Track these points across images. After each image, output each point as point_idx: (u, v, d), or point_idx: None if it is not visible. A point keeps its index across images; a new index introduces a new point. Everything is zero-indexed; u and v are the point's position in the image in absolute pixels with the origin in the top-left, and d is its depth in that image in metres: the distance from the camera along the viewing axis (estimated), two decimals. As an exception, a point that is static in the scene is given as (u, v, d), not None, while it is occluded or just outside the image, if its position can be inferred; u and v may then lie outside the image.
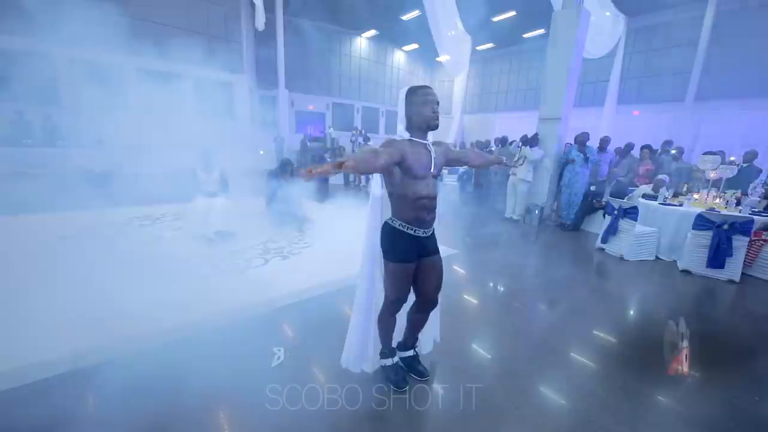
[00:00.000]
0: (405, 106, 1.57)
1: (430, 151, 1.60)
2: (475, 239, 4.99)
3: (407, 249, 1.62)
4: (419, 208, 1.59)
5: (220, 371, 1.88)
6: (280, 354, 2.01)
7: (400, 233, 1.61)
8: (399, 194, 1.59)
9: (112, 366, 1.87)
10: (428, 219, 1.64)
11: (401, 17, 15.14)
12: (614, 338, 2.49)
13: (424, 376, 1.88)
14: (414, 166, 1.53)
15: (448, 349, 2.17)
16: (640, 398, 1.83)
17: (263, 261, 3.51)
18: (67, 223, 4.47)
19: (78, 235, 4.02)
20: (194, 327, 2.27)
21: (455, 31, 12.18)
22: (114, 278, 2.93)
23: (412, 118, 1.56)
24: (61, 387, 1.72)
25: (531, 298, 3.13)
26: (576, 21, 5.32)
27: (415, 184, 1.56)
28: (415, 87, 1.57)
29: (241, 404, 1.68)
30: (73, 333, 2.12)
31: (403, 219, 1.61)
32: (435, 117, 1.55)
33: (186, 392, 1.72)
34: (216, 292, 2.76)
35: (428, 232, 1.68)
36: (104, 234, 4.16)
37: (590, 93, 14.80)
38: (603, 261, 4.32)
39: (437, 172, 1.64)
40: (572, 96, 5.83)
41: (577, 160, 5.44)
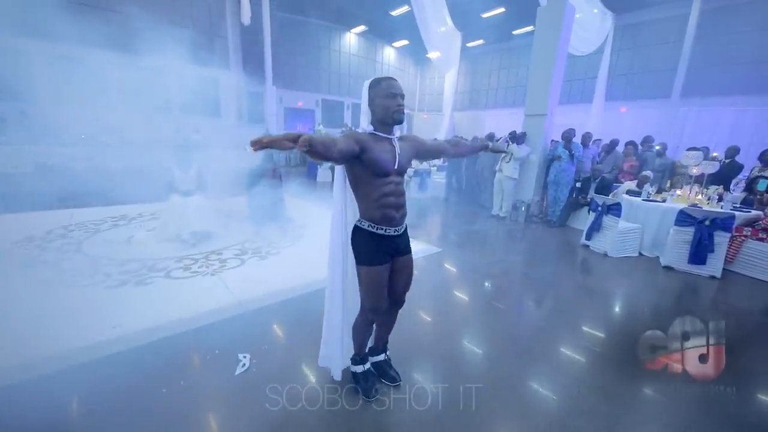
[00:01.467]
0: (368, 98, 1.48)
1: (394, 147, 1.52)
2: (460, 237, 4.94)
3: (380, 250, 1.53)
4: (385, 206, 1.50)
5: (177, 384, 1.77)
6: (245, 361, 1.91)
7: (370, 234, 1.52)
8: (363, 193, 1.51)
9: (71, 373, 1.76)
10: (397, 216, 1.54)
11: (390, 12, 15.00)
12: (596, 336, 2.46)
13: (396, 381, 1.80)
14: (376, 161, 1.43)
15: (434, 348, 2.11)
16: (619, 398, 1.80)
17: (239, 262, 3.40)
18: (37, 222, 4.28)
19: (45, 237, 3.85)
20: (156, 333, 2.15)
21: (445, 28, 12.11)
22: (73, 281, 2.80)
23: (375, 111, 1.47)
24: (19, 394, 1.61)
25: (515, 297, 3.10)
26: (561, 17, 5.28)
27: (378, 181, 1.47)
28: (379, 78, 1.48)
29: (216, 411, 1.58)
30: (24, 339, 1.99)
31: (370, 219, 1.52)
32: (399, 110, 1.46)
33: (136, 404, 1.62)
34: (185, 296, 2.65)
35: (399, 230, 1.58)
36: (74, 234, 3.99)
37: (578, 90, 14.88)
38: (587, 258, 4.31)
39: (402, 169, 1.54)
40: (557, 92, 5.79)
41: (563, 157, 5.41)
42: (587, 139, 5.75)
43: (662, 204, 4.23)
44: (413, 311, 2.68)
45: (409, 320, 2.52)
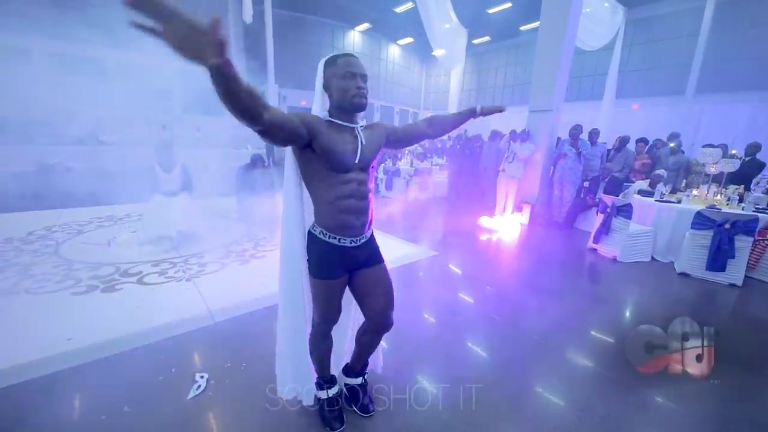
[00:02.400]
0: (323, 80, 1.23)
1: (357, 136, 1.26)
2: (460, 239, 4.68)
3: (330, 262, 1.29)
4: (342, 210, 1.25)
5: (120, 409, 1.57)
6: (201, 382, 1.70)
7: (322, 243, 1.28)
8: (316, 192, 1.26)
9: (9, 391, 1.58)
10: (357, 224, 1.29)
11: (395, 10, 14.76)
12: (604, 346, 2.23)
13: (368, 412, 1.55)
14: (331, 151, 1.18)
15: (432, 350, 1.90)
16: (626, 414, 1.59)
17: (220, 266, 3.20)
18: (19, 223, 4.17)
19: (26, 238, 3.72)
20: (112, 347, 1.96)
21: (450, 24, 11.82)
22: (39, 287, 2.64)
23: (332, 95, 1.23)
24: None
25: (517, 303, 2.84)
26: (567, 8, 4.98)
27: (335, 179, 1.22)
28: (336, 55, 1.23)
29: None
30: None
31: (323, 225, 1.28)
32: (360, 94, 1.20)
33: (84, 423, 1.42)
34: (153, 305, 2.46)
35: (358, 241, 1.32)
36: (55, 236, 3.85)
37: (588, 86, 14.46)
38: (595, 262, 4.02)
39: (365, 165, 1.28)
40: (563, 87, 5.49)
41: (569, 155, 5.12)
42: (594, 136, 5.44)
43: (677, 205, 3.92)
44: (411, 314, 2.46)
45: (407, 323, 2.30)
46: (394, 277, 1.51)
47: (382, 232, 4.55)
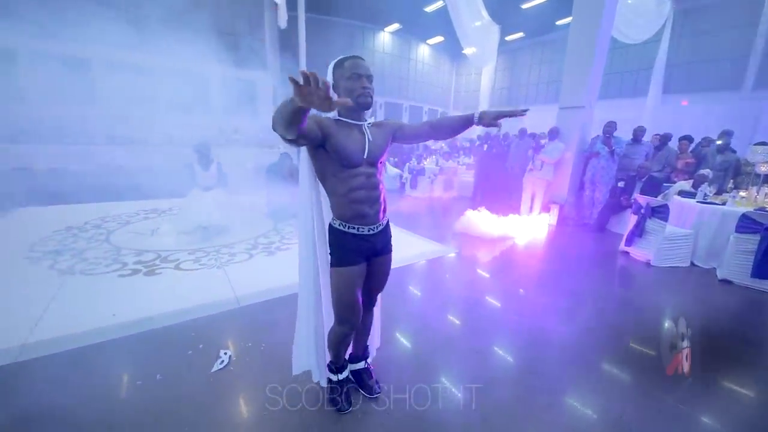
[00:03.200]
0: (332, 81, 1.31)
1: (365, 134, 1.35)
2: (482, 238, 4.61)
3: (352, 250, 1.37)
4: (355, 201, 1.33)
5: (153, 377, 1.75)
6: (225, 358, 1.86)
7: (343, 234, 1.37)
8: (330, 187, 1.35)
9: (61, 357, 1.82)
10: (371, 213, 1.37)
11: (425, 9, 14.73)
12: (634, 358, 2.11)
13: (374, 392, 1.64)
14: (342, 149, 1.26)
15: (443, 350, 1.93)
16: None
17: (248, 256, 3.41)
18: (78, 213, 4.66)
19: (82, 227, 4.17)
20: (150, 323, 2.18)
21: (481, 22, 11.59)
22: (91, 269, 2.96)
23: (340, 95, 1.30)
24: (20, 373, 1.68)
25: (541, 307, 2.75)
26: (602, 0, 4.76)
27: (345, 173, 1.30)
28: (343, 58, 1.31)
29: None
30: (29, 322, 2.10)
31: (341, 217, 1.37)
32: (366, 93, 1.28)
33: (109, 394, 1.62)
34: (187, 288, 2.69)
35: (375, 229, 1.41)
36: (108, 225, 4.27)
37: (631, 82, 13.64)
38: (627, 266, 3.83)
39: (374, 160, 1.36)
40: (598, 82, 5.25)
41: (602, 153, 4.89)
42: (639, 134, 5.11)
43: (721, 207, 3.63)
44: (424, 313, 2.50)
45: (420, 321, 2.35)
46: (410, 273, 1.56)
47: (403, 228, 4.60)
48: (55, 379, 1.69)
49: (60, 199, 5.36)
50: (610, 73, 13.71)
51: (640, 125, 5.27)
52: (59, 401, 1.56)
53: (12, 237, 3.70)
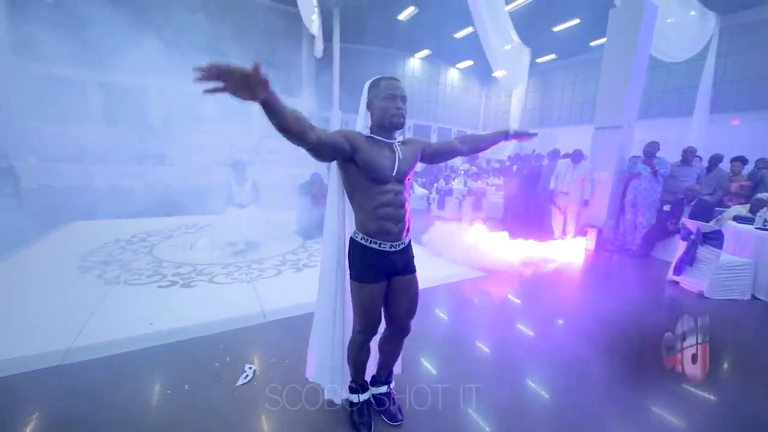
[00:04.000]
0: (367, 99, 1.36)
1: (395, 152, 1.37)
2: (511, 262, 4.42)
3: (372, 266, 1.37)
4: (381, 217, 1.34)
5: (182, 387, 1.80)
6: (249, 373, 1.88)
7: (364, 248, 1.37)
8: (358, 201, 1.37)
9: (97, 363, 1.92)
10: (395, 230, 1.37)
11: (454, 35, 15.09)
12: (687, 400, 1.89)
13: (396, 420, 1.57)
14: (371, 165, 1.29)
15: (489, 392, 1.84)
16: None
17: (276, 272, 3.50)
18: (127, 227, 5.03)
19: (129, 239, 4.48)
20: (183, 334, 2.26)
21: (511, 45, 11.66)
22: (134, 279, 3.15)
23: (373, 113, 1.35)
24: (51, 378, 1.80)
25: (578, 338, 2.55)
26: (639, 18, 4.65)
27: (375, 189, 1.33)
28: (379, 78, 1.36)
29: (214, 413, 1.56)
30: (72, 328, 2.25)
31: (365, 232, 1.37)
32: (399, 114, 1.31)
33: (140, 400, 1.67)
34: (219, 301, 2.78)
35: (397, 246, 1.40)
36: (152, 239, 4.57)
37: (674, 101, 12.99)
38: (676, 297, 3.50)
39: (402, 177, 1.38)
40: (636, 101, 5.04)
41: (643, 174, 4.62)
42: (689, 155, 4.80)
43: (786, 234, 3.28)
44: (452, 339, 2.42)
45: (442, 349, 2.27)
46: (435, 294, 1.54)
47: (427, 248, 4.53)
48: (93, 383, 1.78)
49: (112, 214, 5.84)
50: (652, 92, 13.18)
51: (690, 146, 4.95)
52: (94, 405, 1.63)
53: (67, 247, 4.04)
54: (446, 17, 12.92)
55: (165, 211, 6.22)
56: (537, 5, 12.00)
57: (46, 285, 2.97)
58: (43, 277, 3.16)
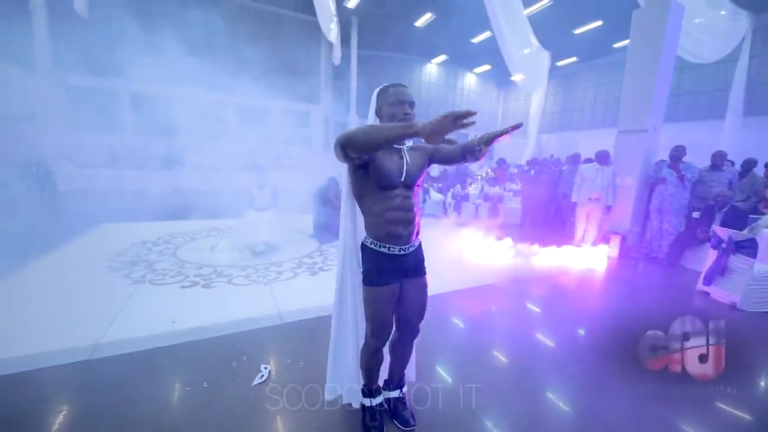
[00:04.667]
0: (376, 106, 1.40)
1: (403, 158, 1.39)
2: (528, 269, 4.33)
3: (382, 270, 1.39)
4: (390, 222, 1.36)
5: (201, 384, 1.85)
6: (264, 373, 1.92)
7: (374, 252, 1.40)
8: (367, 206, 1.40)
9: (122, 360, 2.01)
10: (404, 234, 1.39)
11: (471, 40, 15.05)
12: (723, 421, 1.78)
13: (409, 425, 1.57)
14: (380, 171, 1.32)
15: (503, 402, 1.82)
16: None
17: (293, 275, 3.56)
18: (154, 230, 5.25)
19: (155, 241, 4.67)
20: (204, 332, 2.34)
21: (530, 49, 11.51)
22: (158, 279, 3.28)
23: (382, 119, 1.38)
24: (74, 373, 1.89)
25: (596, 353, 2.43)
26: (664, 18, 4.51)
27: (382, 195, 1.35)
28: (387, 85, 1.39)
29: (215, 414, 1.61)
30: (99, 324, 2.37)
31: (374, 236, 1.39)
32: (407, 119, 1.33)
33: (161, 395, 1.74)
34: (238, 302, 2.86)
35: (407, 249, 1.41)
36: (176, 241, 4.75)
37: (704, 104, 12.45)
38: (707, 308, 3.33)
39: (410, 182, 1.40)
40: (662, 104, 4.87)
41: (669, 179, 4.44)
42: (718, 160, 4.58)
43: (829, 244, 3.07)
44: (469, 347, 2.39)
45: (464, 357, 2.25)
46: (444, 301, 1.52)
47: (443, 254, 4.49)
48: (118, 379, 1.86)
49: (139, 217, 6.10)
50: (679, 94, 12.70)
51: (719, 150, 4.73)
52: (119, 400, 1.71)
53: (98, 248, 4.25)
54: (463, 23, 12.92)
55: (188, 215, 6.44)
56: (557, 8, 11.82)
57: (77, 283, 3.13)
58: (75, 275, 3.34)
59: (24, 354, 2.00)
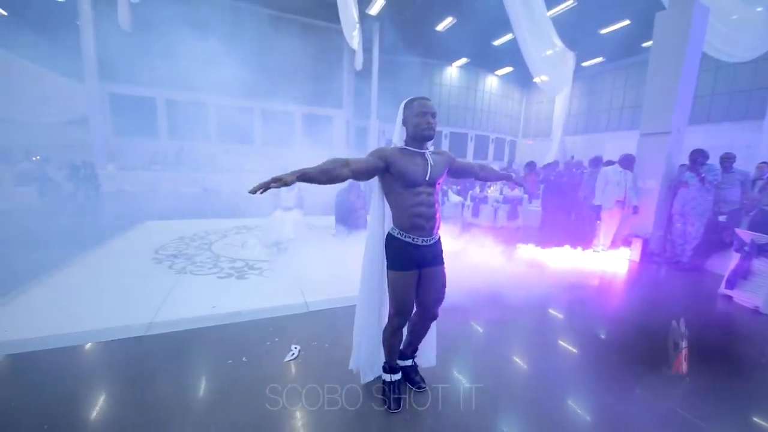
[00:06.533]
0: (402, 117, 1.63)
1: (427, 160, 1.61)
2: (546, 272, 4.38)
3: (405, 257, 1.61)
4: (414, 215, 1.58)
5: (240, 359, 2.11)
6: (295, 352, 2.15)
7: (399, 241, 1.61)
8: (395, 202, 1.62)
9: (173, 336, 2.31)
10: (427, 227, 1.61)
11: (493, 43, 15.01)
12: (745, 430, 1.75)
13: (421, 387, 1.85)
14: (405, 173, 1.55)
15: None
16: None
17: (316, 268, 3.79)
18: (190, 227, 5.68)
19: (192, 237, 5.07)
20: (241, 316, 2.62)
21: (554, 50, 11.39)
22: (198, 270, 3.61)
23: (408, 128, 1.61)
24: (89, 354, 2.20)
25: (616, 355, 2.41)
26: (688, 20, 4.47)
27: (408, 192, 1.57)
28: (413, 99, 1.62)
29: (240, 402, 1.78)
30: (153, 308, 2.69)
31: (400, 227, 1.61)
32: (429, 128, 1.56)
33: (207, 368, 2.01)
34: (268, 291, 3.16)
35: (429, 241, 1.63)
36: (210, 237, 5.13)
37: (741, 104, 11.85)
38: (729, 312, 3.31)
39: (433, 181, 1.62)
40: (687, 107, 4.80)
41: (690, 183, 4.38)
42: (727, 161, 4.52)
43: None
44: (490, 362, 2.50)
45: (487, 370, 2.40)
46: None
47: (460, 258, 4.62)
48: (169, 351, 2.15)
49: (176, 215, 6.59)
50: (714, 94, 12.16)
51: (727, 152, 4.65)
52: (170, 369, 1.99)
53: (144, 242, 4.68)
54: (485, 25, 12.93)
55: (219, 214, 6.88)
56: (582, 8, 11.64)
57: (128, 272, 3.52)
58: (126, 265, 3.73)
59: (89, 329, 2.34)
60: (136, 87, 11.71)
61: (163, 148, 12.04)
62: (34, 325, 2.36)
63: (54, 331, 2.30)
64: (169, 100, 12.31)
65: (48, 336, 2.23)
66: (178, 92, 12.15)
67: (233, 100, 12.72)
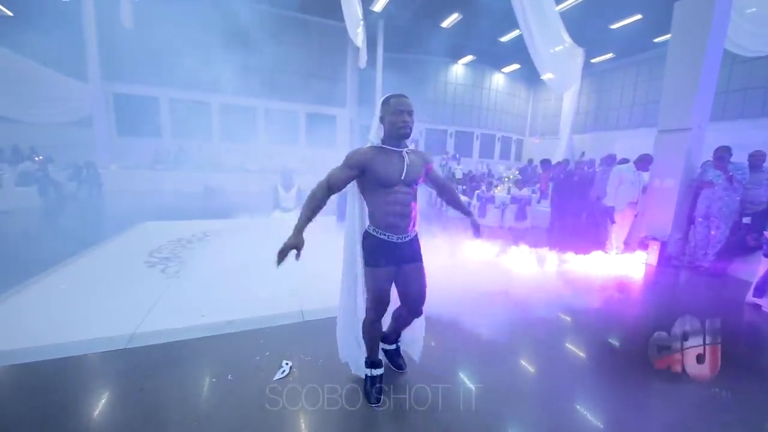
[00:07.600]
0: (380, 114, 1.58)
1: (403, 159, 1.60)
2: (554, 276, 4.15)
3: (381, 254, 1.62)
4: (389, 214, 1.59)
5: (225, 377, 1.92)
6: (286, 369, 1.96)
7: (374, 239, 1.63)
8: (370, 200, 1.63)
9: (153, 350, 2.13)
10: (402, 225, 1.62)
11: (500, 39, 14.72)
12: None
13: (402, 368, 1.96)
14: (380, 172, 1.55)
15: None
16: None
17: (315, 273, 3.60)
18: (188, 228, 5.52)
19: (190, 238, 4.92)
20: (231, 327, 2.44)
21: (562, 46, 11.07)
22: (189, 275, 3.44)
23: (385, 126, 1.58)
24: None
25: (632, 366, 2.26)
26: (710, 10, 4.20)
27: (383, 191, 1.58)
28: (390, 96, 1.57)
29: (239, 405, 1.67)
30: (133, 317, 2.52)
31: (376, 225, 1.63)
32: (405, 126, 1.54)
33: (186, 387, 1.82)
34: (263, 297, 2.97)
35: (404, 238, 1.65)
36: (208, 238, 4.97)
37: (757, 100, 11.46)
38: (757, 323, 3.06)
39: (409, 180, 1.61)
40: (709, 102, 4.53)
41: (716, 182, 4.11)
42: (757, 159, 4.23)
43: None
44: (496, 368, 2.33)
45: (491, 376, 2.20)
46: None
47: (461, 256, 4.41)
48: (150, 367, 1.97)
49: (175, 215, 6.46)
50: (728, 91, 11.76)
51: (757, 149, 4.35)
52: (151, 387, 1.81)
53: (139, 244, 4.53)
54: (491, 22, 12.66)
55: (219, 214, 6.74)
56: (592, 2, 11.32)
57: (117, 277, 3.35)
58: (117, 270, 3.57)
59: (68, 341, 2.17)
60: (139, 86, 11.65)
61: (166, 148, 11.97)
62: (10, 336, 2.19)
63: (28, 343, 2.13)
64: (172, 100, 12.24)
65: (21, 349, 2.06)
66: (181, 91, 12.07)
67: (236, 99, 12.62)
